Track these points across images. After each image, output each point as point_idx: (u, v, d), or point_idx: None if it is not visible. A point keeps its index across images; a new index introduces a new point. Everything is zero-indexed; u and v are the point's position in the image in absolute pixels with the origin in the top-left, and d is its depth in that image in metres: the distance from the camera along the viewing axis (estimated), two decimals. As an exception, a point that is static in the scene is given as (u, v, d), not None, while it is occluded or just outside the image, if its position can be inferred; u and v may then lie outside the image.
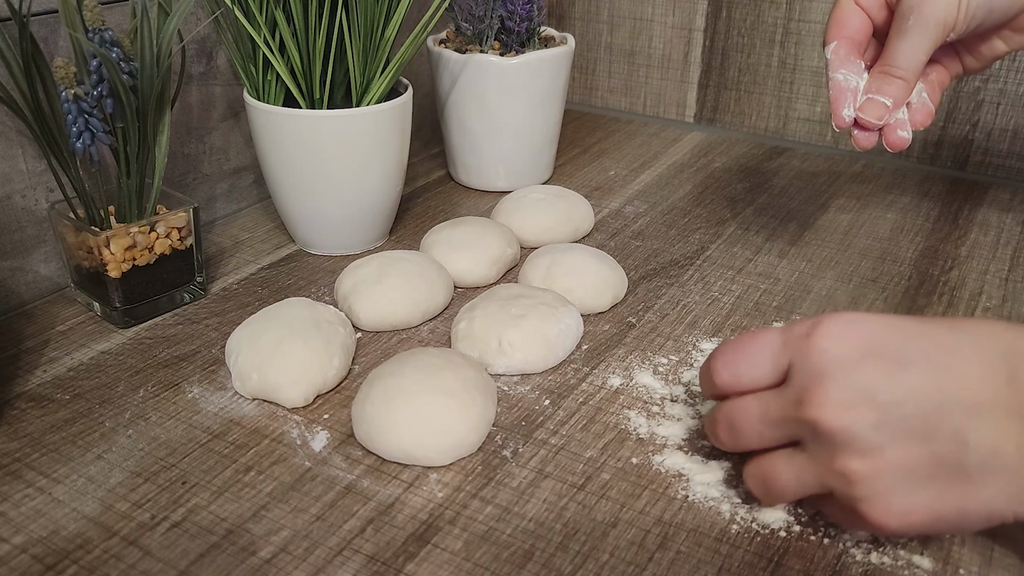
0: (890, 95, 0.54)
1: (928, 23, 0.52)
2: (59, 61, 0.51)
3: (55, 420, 0.49)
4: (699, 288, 0.63)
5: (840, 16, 0.56)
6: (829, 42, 0.56)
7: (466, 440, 0.46)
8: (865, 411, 0.35)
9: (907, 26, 0.53)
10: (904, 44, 0.53)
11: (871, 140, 0.55)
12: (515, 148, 0.78)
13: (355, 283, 0.58)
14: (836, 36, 0.56)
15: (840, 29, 0.56)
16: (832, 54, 0.56)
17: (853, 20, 0.56)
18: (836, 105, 0.55)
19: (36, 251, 0.60)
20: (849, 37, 0.56)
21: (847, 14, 0.56)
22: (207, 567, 0.40)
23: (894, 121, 0.55)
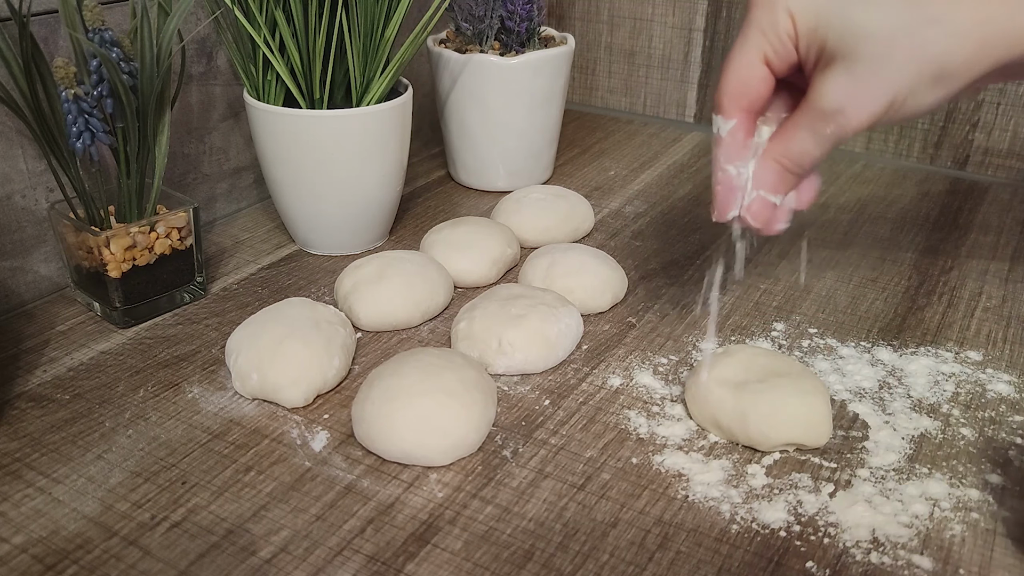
0: (781, 191, 0.45)
1: (848, 125, 0.42)
2: (59, 61, 0.51)
3: (55, 420, 0.49)
4: (699, 288, 0.63)
5: (743, 79, 0.44)
6: (726, 115, 0.45)
7: (466, 440, 0.46)
8: None
9: (818, 118, 0.42)
10: (807, 137, 0.43)
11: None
12: (515, 148, 0.78)
13: (355, 283, 0.58)
14: (735, 109, 0.45)
15: (740, 99, 0.45)
16: (728, 135, 0.46)
17: (757, 85, 0.45)
18: (723, 205, 0.47)
19: (36, 251, 0.60)
20: (749, 109, 0.45)
21: (752, 76, 0.44)
22: (207, 567, 0.40)
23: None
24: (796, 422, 0.46)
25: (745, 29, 0.44)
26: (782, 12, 0.42)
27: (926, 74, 0.40)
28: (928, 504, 0.43)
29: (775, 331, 0.58)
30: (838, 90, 0.41)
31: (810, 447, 0.47)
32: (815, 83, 0.42)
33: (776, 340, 0.57)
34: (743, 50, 0.44)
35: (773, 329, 0.58)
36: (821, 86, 0.41)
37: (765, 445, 0.46)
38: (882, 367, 0.54)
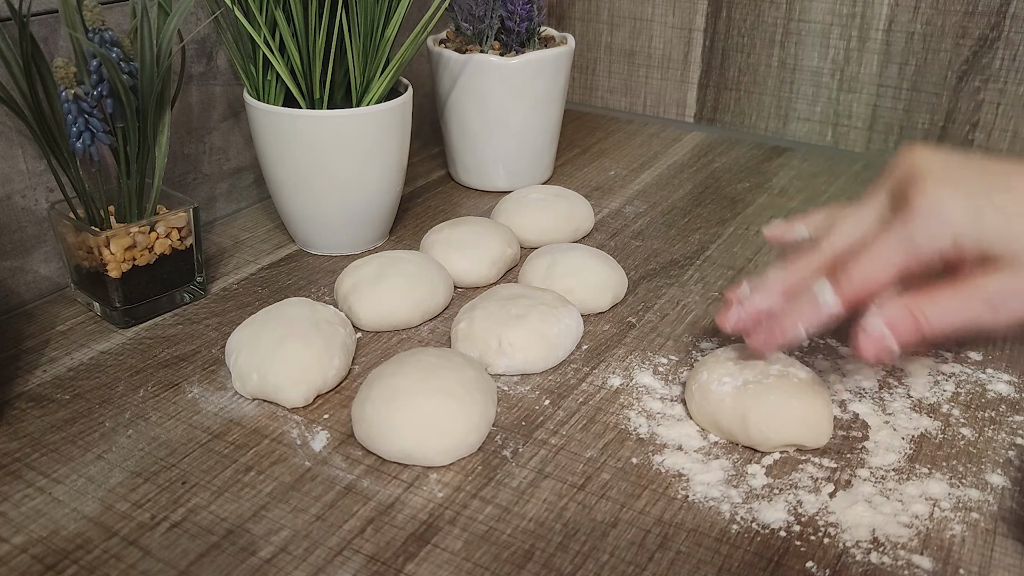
0: (903, 342, 0.42)
1: (1001, 317, 0.40)
2: (59, 61, 0.51)
3: (55, 420, 0.49)
4: (699, 288, 0.63)
5: (874, 285, 0.43)
6: (841, 304, 0.43)
7: (466, 440, 0.46)
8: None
9: (975, 300, 0.41)
10: (958, 309, 0.41)
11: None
12: (515, 148, 0.78)
13: (355, 283, 0.58)
14: (849, 301, 0.43)
15: (858, 296, 0.43)
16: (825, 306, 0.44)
17: (881, 288, 0.43)
18: (769, 343, 0.45)
19: (36, 251, 0.60)
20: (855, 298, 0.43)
21: (884, 284, 0.43)
22: (207, 567, 0.40)
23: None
24: (796, 423, 0.46)
25: (891, 237, 0.42)
26: (945, 238, 0.41)
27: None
28: (928, 504, 0.43)
29: (775, 331, 0.58)
30: (1004, 288, 0.40)
31: (810, 448, 0.47)
32: (978, 275, 0.41)
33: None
34: (883, 259, 0.42)
35: (773, 329, 0.58)
36: (987, 280, 0.40)
37: (765, 446, 0.46)
38: (882, 367, 0.54)
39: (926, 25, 0.83)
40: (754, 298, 0.46)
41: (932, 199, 0.41)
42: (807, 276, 0.45)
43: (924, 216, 0.41)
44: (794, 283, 0.45)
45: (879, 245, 0.42)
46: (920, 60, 0.84)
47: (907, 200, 0.42)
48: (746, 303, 0.46)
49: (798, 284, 0.45)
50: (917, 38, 0.84)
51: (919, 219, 0.41)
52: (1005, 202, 0.41)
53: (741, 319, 0.46)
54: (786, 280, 0.45)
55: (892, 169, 0.44)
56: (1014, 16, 0.79)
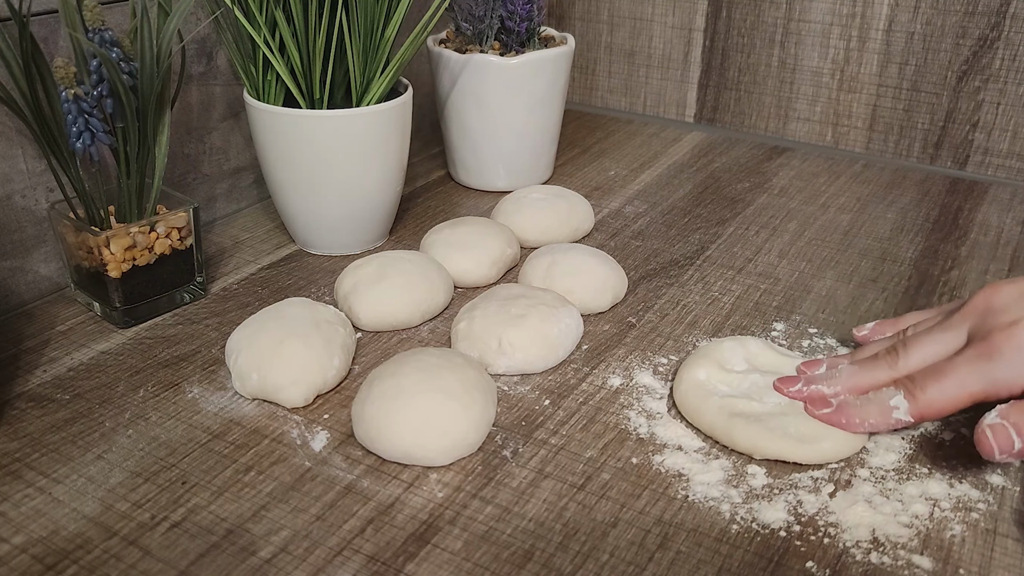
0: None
1: None
2: (59, 61, 0.51)
3: (55, 420, 0.49)
4: (699, 288, 0.63)
5: (948, 410, 0.45)
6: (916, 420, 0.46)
7: (466, 440, 0.46)
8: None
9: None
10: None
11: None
12: (515, 148, 0.78)
13: (355, 283, 0.58)
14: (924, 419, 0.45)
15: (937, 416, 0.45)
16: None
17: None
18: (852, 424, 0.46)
19: (36, 251, 0.60)
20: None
21: (956, 409, 0.45)
22: (207, 567, 0.40)
23: None
24: (787, 441, 0.46)
25: (973, 368, 0.44)
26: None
27: None
28: (928, 504, 0.43)
29: (775, 331, 0.58)
30: None
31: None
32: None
33: (776, 340, 0.57)
34: (962, 386, 0.44)
35: (773, 329, 0.58)
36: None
37: (757, 456, 0.46)
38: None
39: (926, 25, 0.83)
40: (822, 382, 0.48)
41: (1018, 339, 0.43)
42: (878, 381, 0.47)
43: (1009, 357, 0.43)
44: (865, 383, 0.47)
45: (960, 372, 0.44)
46: (920, 60, 0.84)
47: (990, 337, 0.44)
48: (812, 382, 0.49)
49: (868, 385, 0.47)
50: (917, 38, 0.84)
51: (1004, 360, 0.43)
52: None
53: (802, 393, 0.48)
54: (858, 378, 0.48)
55: (974, 301, 0.47)
56: (1014, 16, 0.79)
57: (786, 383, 0.49)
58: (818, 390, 0.48)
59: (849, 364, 0.49)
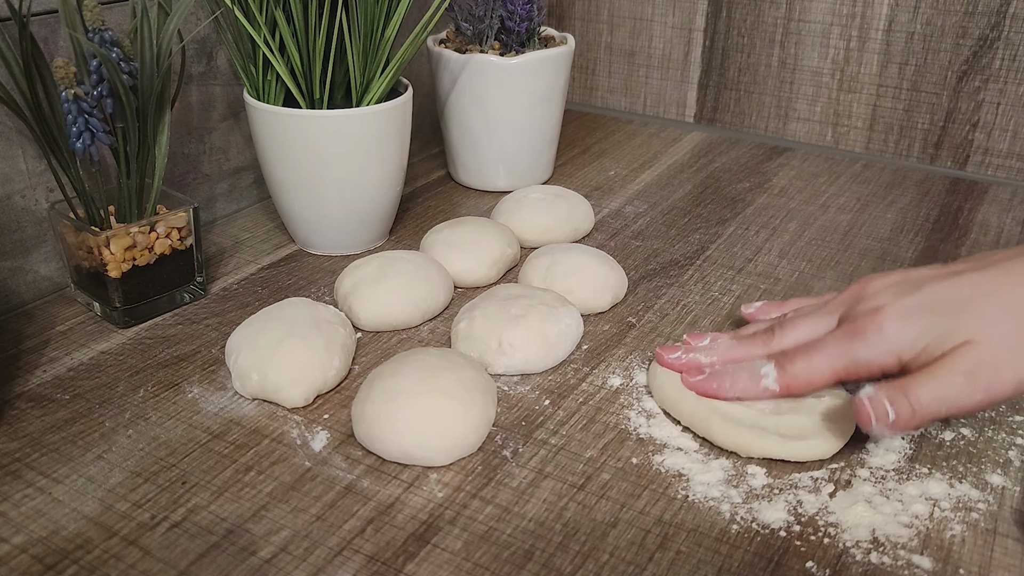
0: (896, 428, 0.43)
1: (983, 381, 0.42)
2: (59, 61, 0.51)
3: (55, 420, 0.49)
4: (699, 288, 0.63)
5: (811, 387, 0.48)
6: (781, 394, 0.48)
7: (466, 440, 0.46)
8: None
9: (950, 369, 0.43)
10: (936, 384, 0.43)
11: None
12: (515, 148, 0.78)
13: (355, 283, 0.58)
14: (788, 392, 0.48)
15: (799, 391, 0.48)
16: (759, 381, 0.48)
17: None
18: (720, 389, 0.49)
19: (36, 251, 0.60)
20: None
21: (819, 386, 0.48)
22: (207, 567, 0.40)
23: None
24: (769, 439, 0.46)
25: (838, 346, 0.46)
26: (889, 356, 0.45)
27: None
28: (928, 504, 0.43)
29: (775, 331, 0.58)
30: (975, 360, 0.43)
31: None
32: (947, 358, 0.43)
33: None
34: (826, 361, 0.47)
35: (773, 329, 0.58)
36: (957, 357, 0.43)
37: (743, 454, 0.47)
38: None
39: (926, 25, 0.83)
40: (700, 351, 0.51)
41: (878, 322, 0.45)
42: (753, 355, 0.50)
43: (870, 339, 0.45)
44: (740, 356, 0.50)
45: (827, 349, 0.47)
46: (920, 60, 0.84)
47: (856, 320, 0.47)
48: (691, 351, 0.51)
49: (742, 358, 0.50)
50: (917, 38, 0.84)
51: (866, 341, 0.46)
52: (935, 304, 0.45)
53: (680, 361, 0.51)
54: (734, 350, 0.51)
55: (848, 290, 0.50)
56: (1014, 16, 0.79)
57: (667, 351, 0.52)
58: (695, 359, 0.51)
59: (728, 338, 0.52)
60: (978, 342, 0.43)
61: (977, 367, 0.42)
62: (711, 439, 0.47)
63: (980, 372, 0.42)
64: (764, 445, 0.46)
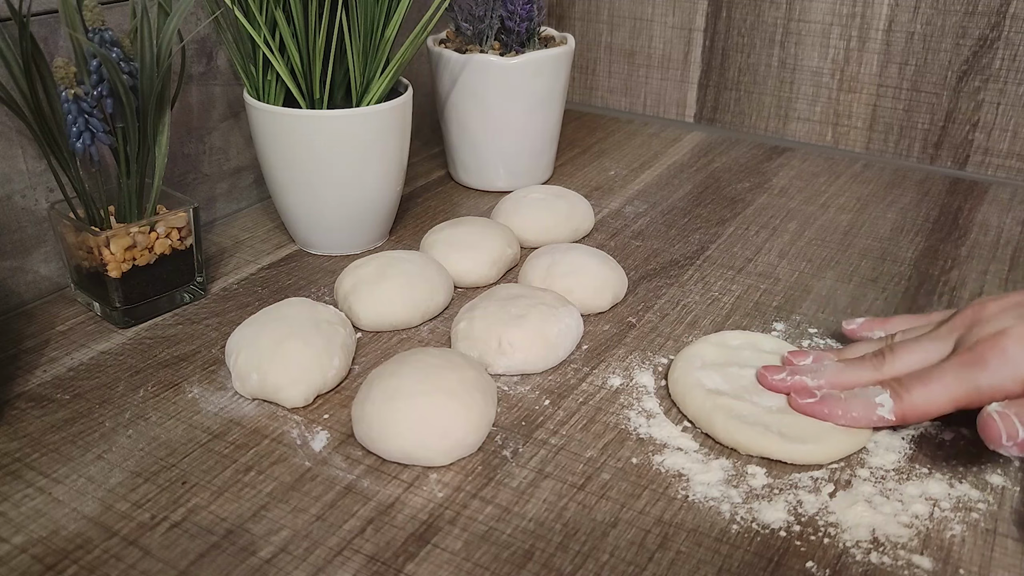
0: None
1: None
2: (59, 61, 0.51)
3: (55, 420, 0.49)
4: (699, 288, 0.63)
5: (929, 415, 0.46)
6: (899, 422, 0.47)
7: (466, 440, 0.46)
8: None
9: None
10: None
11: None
12: (515, 148, 0.78)
13: (355, 283, 0.58)
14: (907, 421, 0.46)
15: (918, 419, 0.46)
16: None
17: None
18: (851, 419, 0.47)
19: (36, 251, 0.60)
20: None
21: (937, 413, 0.46)
22: (207, 567, 0.40)
23: None
24: (769, 439, 0.46)
25: (959, 375, 0.45)
26: (1015, 383, 0.44)
27: None
28: (928, 504, 0.43)
29: (775, 331, 0.58)
30: None
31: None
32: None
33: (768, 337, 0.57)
34: (946, 391, 0.45)
35: (773, 329, 0.58)
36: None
37: (743, 451, 0.47)
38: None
39: (926, 25, 0.83)
40: (806, 373, 0.49)
41: (1002, 349, 0.44)
42: (863, 379, 0.48)
43: (993, 366, 0.44)
44: (849, 380, 0.48)
45: (947, 378, 0.45)
46: (920, 60, 0.84)
47: (976, 346, 0.45)
48: (797, 372, 0.50)
49: (852, 382, 0.48)
50: (917, 38, 0.84)
51: (988, 368, 0.44)
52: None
53: (786, 382, 0.49)
54: (843, 375, 0.49)
55: (963, 314, 0.48)
56: (1014, 16, 0.79)
57: (771, 371, 0.50)
58: (802, 380, 0.49)
59: (835, 361, 0.50)
60: None
61: None
62: (712, 434, 0.47)
63: None
64: (763, 444, 0.46)
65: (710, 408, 0.48)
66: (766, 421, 0.47)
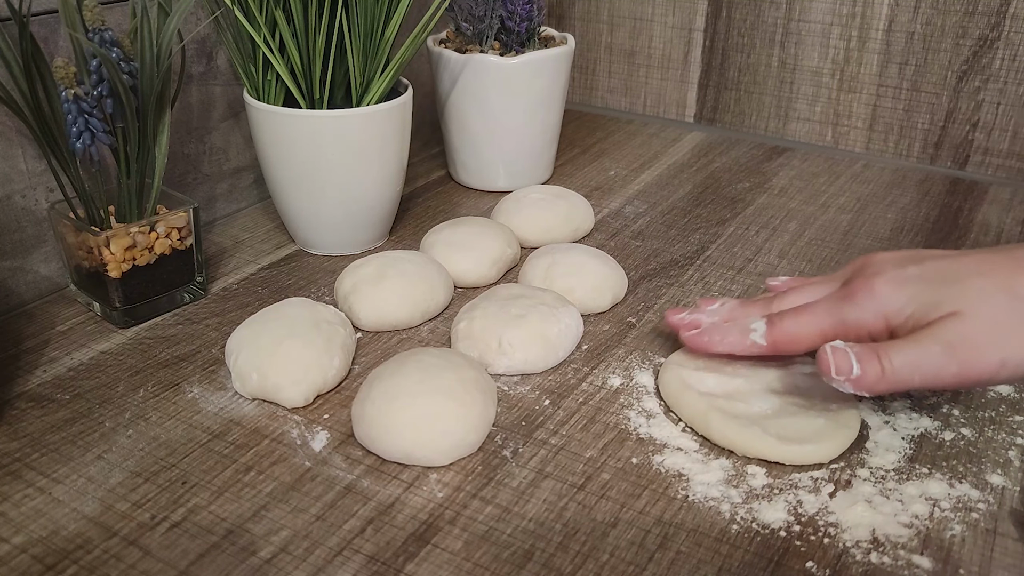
0: (865, 387, 0.44)
1: (962, 354, 0.42)
2: (59, 61, 0.51)
3: (55, 420, 0.49)
4: (699, 288, 0.63)
5: (798, 346, 0.48)
6: (769, 352, 0.49)
7: (466, 440, 0.46)
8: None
9: (932, 338, 0.43)
10: (916, 350, 0.43)
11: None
12: (515, 148, 0.78)
13: (355, 283, 0.58)
14: (773, 352, 0.49)
15: (783, 349, 0.49)
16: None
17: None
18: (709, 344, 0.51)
19: (36, 251, 0.60)
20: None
21: (807, 346, 0.48)
22: (207, 567, 0.40)
23: None
24: (766, 440, 0.46)
25: (825, 305, 0.47)
26: (877, 316, 0.46)
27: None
28: (928, 504, 0.43)
29: (775, 331, 0.58)
30: (957, 333, 0.43)
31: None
32: (931, 327, 0.43)
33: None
34: (812, 320, 0.48)
35: (773, 329, 0.58)
36: (940, 327, 0.43)
37: (740, 453, 0.47)
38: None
39: (926, 25, 0.83)
40: (703, 311, 0.53)
41: (870, 286, 0.46)
42: (752, 314, 0.51)
43: (861, 301, 0.46)
44: (739, 315, 0.52)
45: (817, 309, 0.48)
46: (920, 60, 0.84)
47: (850, 284, 0.48)
48: (697, 311, 0.53)
49: (741, 317, 0.52)
50: (917, 38, 0.84)
51: (856, 302, 0.46)
52: (930, 276, 0.45)
53: (684, 320, 0.53)
54: (734, 311, 0.52)
55: (853, 263, 0.50)
56: (1014, 16, 0.79)
57: (675, 312, 0.54)
58: (697, 318, 0.53)
59: (735, 303, 0.53)
60: (964, 315, 0.43)
61: (958, 340, 0.42)
62: (709, 436, 0.47)
63: (960, 345, 0.42)
64: (760, 445, 0.46)
65: (705, 410, 0.48)
66: (762, 423, 0.47)
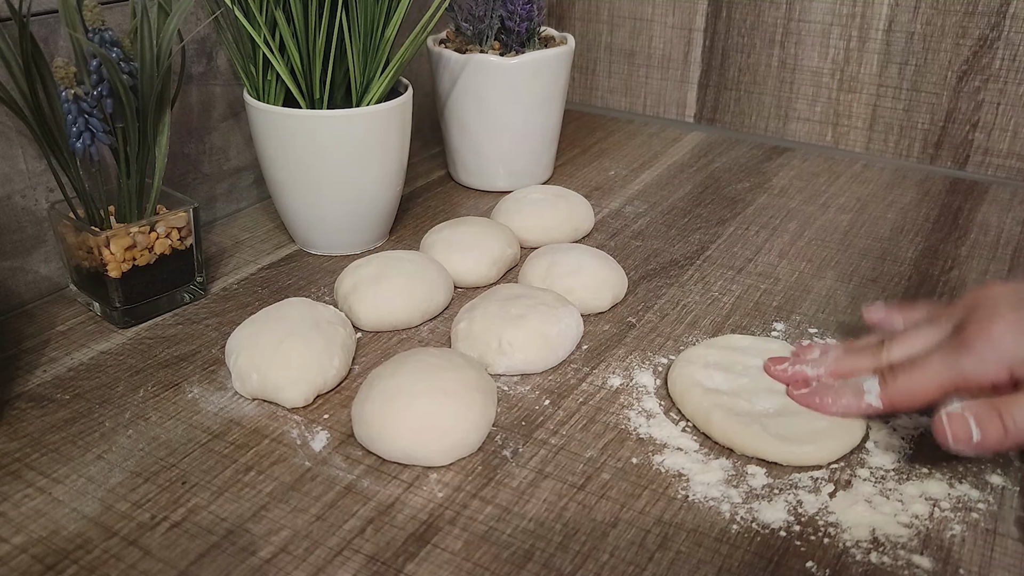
0: (991, 444, 0.42)
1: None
2: (59, 61, 0.51)
3: (55, 420, 0.49)
4: (699, 288, 0.63)
5: (918, 402, 0.45)
6: (887, 409, 0.46)
7: (466, 440, 0.46)
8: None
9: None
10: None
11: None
12: (515, 148, 0.78)
13: (355, 283, 0.58)
14: (894, 408, 0.46)
15: (905, 405, 0.46)
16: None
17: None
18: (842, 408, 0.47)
19: (36, 251, 0.60)
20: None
21: (926, 401, 0.45)
22: (207, 567, 0.40)
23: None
24: (764, 440, 0.46)
25: (943, 359, 0.44)
26: (1000, 367, 0.43)
27: None
28: (928, 504, 0.43)
29: (775, 331, 0.58)
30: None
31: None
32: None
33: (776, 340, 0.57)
34: (930, 376, 0.44)
35: (773, 329, 0.58)
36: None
37: (739, 452, 0.47)
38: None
39: (926, 25, 0.83)
40: (809, 364, 0.50)
41: (988, 333, 0.43)
42: (861, 368, 0.48)
43: (978, 351, 0.43)
44: (847, 369, 0.49)
45: (933, 363, 0.45)
46: (920, 60, 0.84)
47: (964, 330, 0.44)
48: (799, 363, 0.50)
49: (850, 371, 0.48)
50: (917, 38, 0.84)
51: (973, 353, 0.43)
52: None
53: (787, 373, 0.50)
54: (841, 364, 0.49)
55: (964, 299, 0.47)
56: (1014, 16, 0.79)
57: (776, 362, 0.51)
58: (801, 371, 0.50)
59: (838, 350, 0.50)
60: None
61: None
62: (709, 433, 0.47)
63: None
64: (760, 445, 0.46)
65: (708, 406, 0.48)
66: (764, 422, 0.47)
